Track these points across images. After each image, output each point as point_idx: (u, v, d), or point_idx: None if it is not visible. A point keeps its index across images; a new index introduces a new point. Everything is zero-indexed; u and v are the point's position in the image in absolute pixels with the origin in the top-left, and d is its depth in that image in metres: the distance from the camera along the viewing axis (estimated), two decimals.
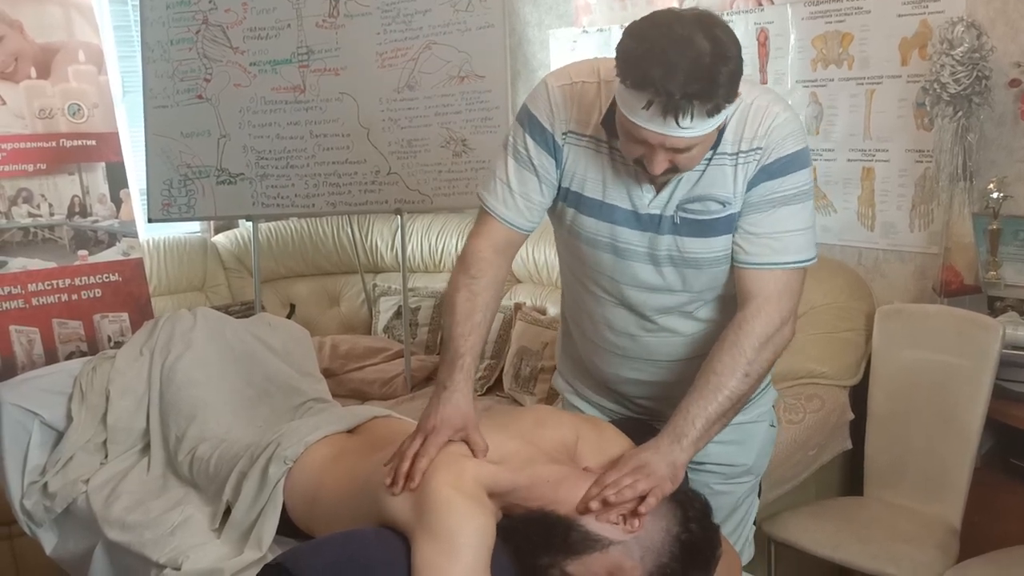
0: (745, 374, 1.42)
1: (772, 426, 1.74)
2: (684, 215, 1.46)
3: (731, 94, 1.30)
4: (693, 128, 1.29)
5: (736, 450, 1.66)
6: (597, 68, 1.49)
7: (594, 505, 1.31)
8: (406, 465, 1.36)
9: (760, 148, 1.42)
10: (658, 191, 1.47)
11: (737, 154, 1.43)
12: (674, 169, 1.37)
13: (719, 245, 1.47)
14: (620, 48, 1.29)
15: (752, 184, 1.43)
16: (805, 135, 1.48)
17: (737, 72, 1.29)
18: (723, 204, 1.44)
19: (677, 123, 1.27)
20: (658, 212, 1.47)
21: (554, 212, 1.60)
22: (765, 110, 1.43)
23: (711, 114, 1.29)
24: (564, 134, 1.49)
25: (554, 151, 1.50)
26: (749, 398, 1.48)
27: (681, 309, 1.57)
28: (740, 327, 1.44)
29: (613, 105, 1.39)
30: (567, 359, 1.82)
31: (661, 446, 1.40)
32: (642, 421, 1.69)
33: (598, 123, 1.46)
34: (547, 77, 1.53)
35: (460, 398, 1.45)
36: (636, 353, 1.62)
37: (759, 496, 1.82)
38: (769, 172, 1.43)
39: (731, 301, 1.53)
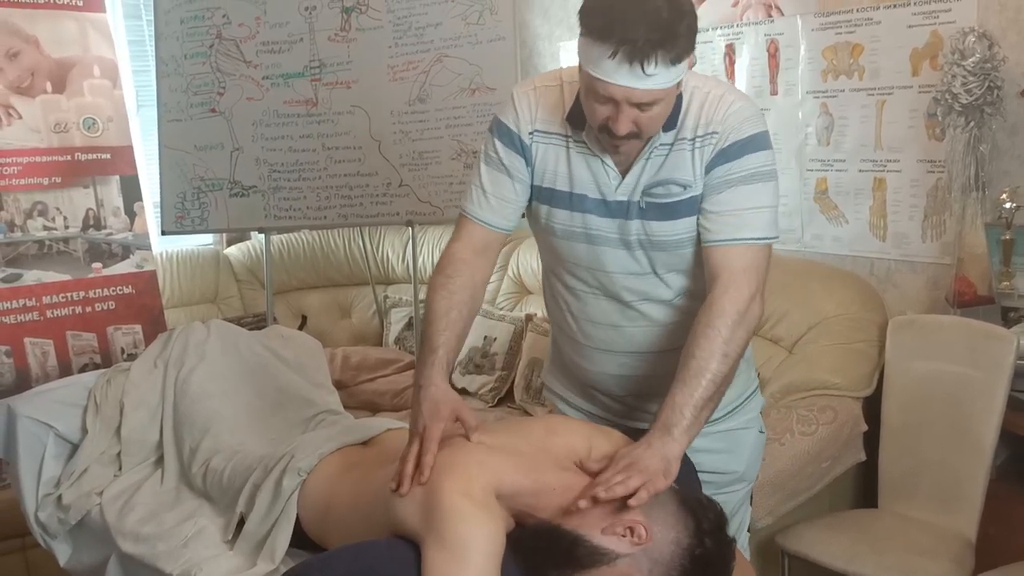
0: (724, 354, 1.44)
1: (761, 432, 1.76)
2: (649, 199, 1.52)
3: (691, 45, 1.37)
4: (657, 76, 1.34)
5: (727, 458, 1.67)
6: (559, 74, 1.59)
7: (582, 503, 1.31)
8: (410, 466, 1.37)
9: (716, 132, 1.49)
10: (623, 175, 1.52)
11: (695, 139, 1.50)
12: (637, 135, 1.42)
13: (683, 227, 1.52)
14: (584, 5, 1.36)
15: (710, 167, 1.50)
16: (763, 121, 1.54)
17: (694, 26, 1.36)
18: (684, 187, 1.51)
19: (643, 70, 1.32)
20: (625, 198, 1.53)
21: (531, 215, 1.65)
22: (721, 98, 1.50)
23: (674, 62, 1.35)
24: (531, 133, 1.56)
25: (522, 150, 1.57)
26: (731, 381, 1.49)
27: (659, 297, 1.60)
28: (711, 307, 1.47)
29: (577, 101, 1.49)
30: (555, 368, 1.84)
31: (652, 441, 1.40)
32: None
33: (563, 119, 1.54)
34: (514, 87, 1.62)
35: (435, 391, 1.47)
36: (620, 346, 1.64)
37: (751, 504, 1.84)
38: (726, 155, 1.49)
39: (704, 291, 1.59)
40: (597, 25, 1.33)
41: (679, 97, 1.48)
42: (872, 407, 2.52)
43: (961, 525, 2.28)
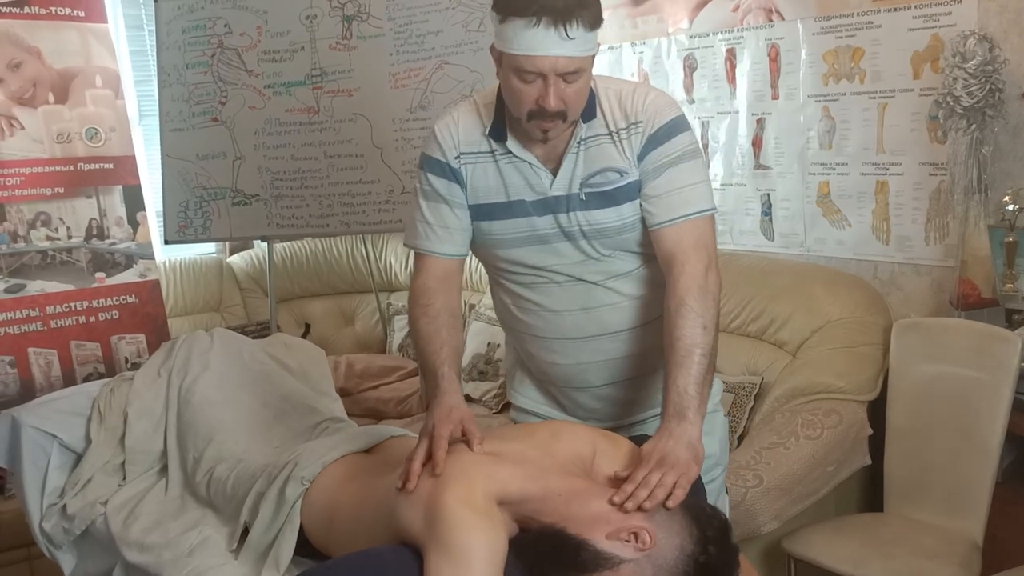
0: (703, 327, 1.50)
1: (725, 416, 1.81)
2: (589, 190, 1.58)
3: (600, 13, 1.47)
4: (578, 41, 1.43)
5: (706, 440, 1.66)
6: (472, 99, 1.67)
7: (630, 505, 1.32)
8: (417, 464, 1.40)
9: (640, 122, 1.57)
10: (554, 174, 1.58)
11: (619, 131, 1.58)
12: (564, 114, 1.48)
13: (627, 211, 1.59)
14: None
15: (643, 154, 1.57)
16: (679, 106, 1.63)
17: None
18: (620, 173, 1.58)
19: (567, 32, 1.41)
20: (562, 193, 1.59)
21: (473, 237, 1.68)
22: (635, 91, 1.60)
23: (591, 27, 1.45)
24: (457, 157, 1.63)
25: (455, 176, 1.63)
26: (716, 353, 1.54)
27: (620, 271, 1.64)
28: (676, 286, 1.53)
29: (497, 116, 1.59)
30: (522, 381, 1.83)
31: (672, 429, 1.43)
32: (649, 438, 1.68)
33: (483, 136, 1.61)
34: (434, 125, 1.68)
35: (448, 399, 1.53)
36: (591, 330, 1.66)
37: (727, 493, 1.85)
38: (655, 140, 1.57)
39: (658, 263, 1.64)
40: (514, 5, 1.42)
41: (592, 93, 1.56)
42: (877, 411, 2.51)
43: (968, 528, 2.27)
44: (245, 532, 1.70)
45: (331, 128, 3.25)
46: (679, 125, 1.58)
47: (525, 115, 1.50)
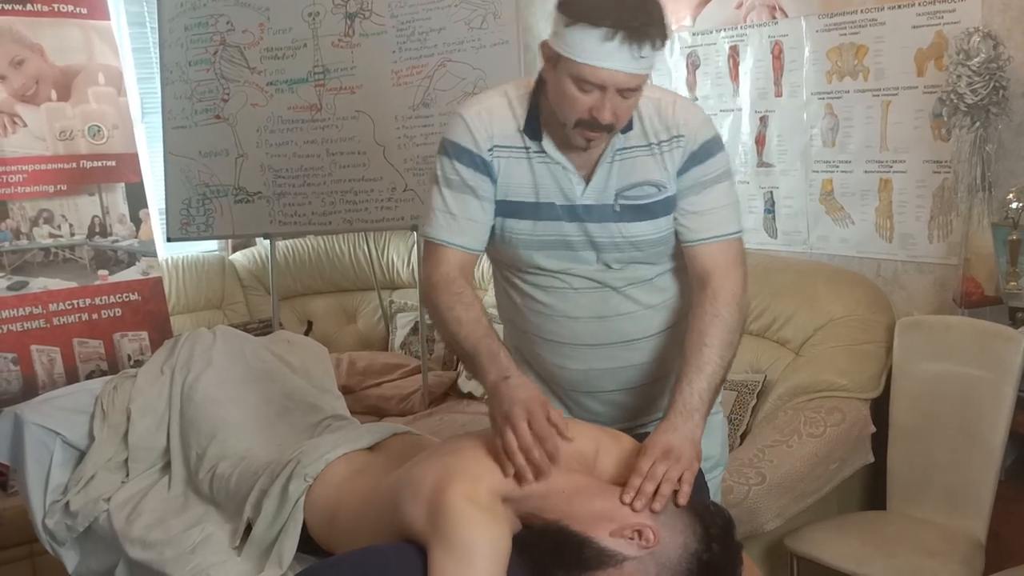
0: (730, 342, 1.52)
1: (725, 416, 1.83)
2: (624, 202, 1.56)
3: (667, 31, 1.44)
4: (646, 60, 1.40)
5: (707, 442, 1.65)
6: (503, 90, 1.61)
7: (638, 505, 1.32)
8: (536, 453, 1.34)
9: (682, 136, 1.55)
10: (587, 180, 1.55)
11: (660, 143, 1.56)
12: (611, 128, 1.46)
13: (663, 225, 1.58)
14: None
15: (683, 170, 1.56)
16: (712, 122, 1.63)
17: (664, 13, 1.43)
18: (658, 188, 1.56)
19: (639, 51, 1.38)
20: (592, 202, 1.56)
21: (492, 232, 1.62)
22: (675, 103, 1.58)
23: (660, 47, 1.42)
24: (491, 149, 1.57)
25: (486, 168, 1.57)
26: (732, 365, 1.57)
27: (641, 277, 1.62)
28: (715, 299, 1.54)
29: (531, 113, 1.55)
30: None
31: (678, 425, 1.44)
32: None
33: (518, 131, 1.56)
34: (459, 110, 1.61)
35: (526, 383, 1.45)
36: (606, 338, 1.63)
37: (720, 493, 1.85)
38: (697, 158, 1.56)
39: (684, 271, 1.64)
40: (588, 11, 1.37)
41: None
42: (880, 408, 2.51)
43: (970, 526, 2.27)
44: (248, 529, 1.71)
45: (333, 125, 3.26)
46: (718, 144, 1.59)
47: (573, 122, 1.46)
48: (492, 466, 1.37)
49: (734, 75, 3.15)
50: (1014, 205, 2.38)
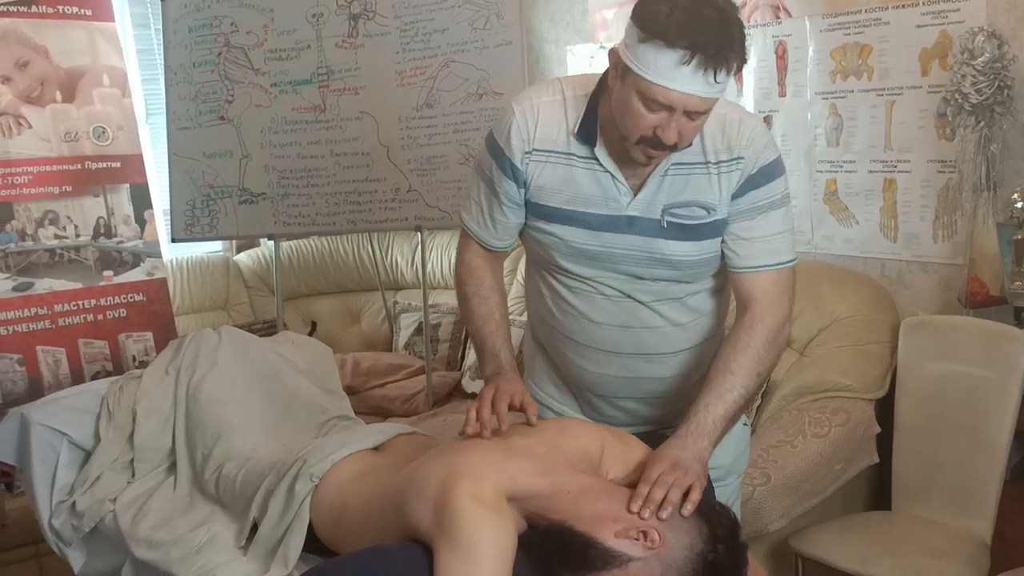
0: (758, 374, 1.49)
1: (745, 424, 1.78)
2: (671, 219, 1.51)
3: (746, 54, 1.37)
4: (720, 85, 1.34)
5: (719, 451, 1.64)
6: (559, 87, 1.55)
7: (646, 513, 1.32)
8: (486, 411, 1.49)
9: (742, 158, 1.48)
10: (635, 193, 1.51)
11: (719, 163, 1.49)
12: (673, 147, 1.41)
13: (708, 247, 1.53)
14: (644, 10, 1.33)
15: (739, 193, 1.50)
16: (776, 144, 1.56)
17: (744, 35, 1.36)
18: (708, 210, 1.50)
19: (714, 77, 1.32)
20: (638, 214, 1.51)
21: (525, 228, 1.64)
22: (741, 121, 1.50)
23: (732, 72, 1.35)
24: (527, 153, 1.53)
25: (514, 175, 1.55)
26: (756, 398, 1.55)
27: (672, 295, 1.59)
28: (751, 328, 1.50)
29: (586, 116, 1.49)
30: (543, 372, 1.80)
31: (687, 444, 1.43)
32: (660, 435, 1.68)
33: (568, 135, 1.51)
34: (512, 101, 1.57)
35: (511, 377, 1.60)
36: (627, 348, 1.62)
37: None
38: (755, 181, 1.49)
39: (719, 293, 1.62)
40: (664, 30, 1.30)
41: None
42: (885, 409, 2.50)
43: (976, 526, 2.27)
44: (254, 529, 1.71)
45: (337, 126, 3.26)
46: (779, 168, 1.52)
47: (636, 138, 1.40)
48: (498, 465, 1.38)
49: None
50: (1019, 204, 2.38)
